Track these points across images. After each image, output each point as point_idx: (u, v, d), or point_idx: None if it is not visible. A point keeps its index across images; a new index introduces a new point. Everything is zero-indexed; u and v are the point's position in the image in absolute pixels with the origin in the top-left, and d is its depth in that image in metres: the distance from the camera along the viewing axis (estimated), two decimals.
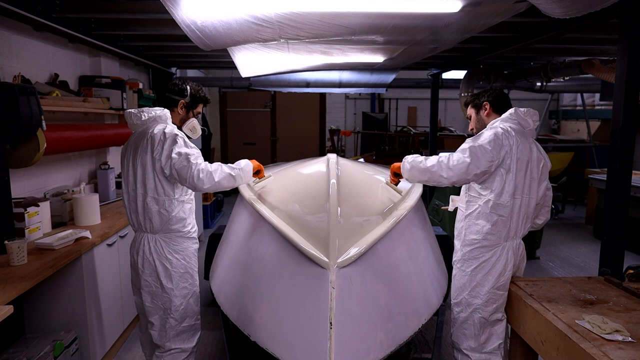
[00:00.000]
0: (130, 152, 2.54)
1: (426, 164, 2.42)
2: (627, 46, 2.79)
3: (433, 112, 6.97)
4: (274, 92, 10.40)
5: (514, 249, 2.45)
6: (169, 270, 2.52)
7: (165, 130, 2.46)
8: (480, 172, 2.34)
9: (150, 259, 2.51)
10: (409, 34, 3.45)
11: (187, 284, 2.59)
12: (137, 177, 2.47)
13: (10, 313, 1.95)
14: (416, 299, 2.24)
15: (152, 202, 2.46)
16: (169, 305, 2.54)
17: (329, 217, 2.04)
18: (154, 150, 2.42)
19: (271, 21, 2.78)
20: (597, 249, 3.58)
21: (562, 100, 11.39)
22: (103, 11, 3.42)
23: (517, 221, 2.41)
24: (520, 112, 2.49)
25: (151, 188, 2.45)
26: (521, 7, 2.73)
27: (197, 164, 2.40)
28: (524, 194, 2.41)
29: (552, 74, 5.86)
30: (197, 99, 2.72)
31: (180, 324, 2.58)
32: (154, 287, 2.53)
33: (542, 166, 2.48)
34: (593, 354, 1.74)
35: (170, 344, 2.57)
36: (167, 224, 2.50)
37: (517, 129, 2.45)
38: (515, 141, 2.38)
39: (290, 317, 1.88)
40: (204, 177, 2.40)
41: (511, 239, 2.44)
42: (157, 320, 2.57)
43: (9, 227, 2.72)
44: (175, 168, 2.39)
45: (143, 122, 2.54)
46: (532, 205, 2.45)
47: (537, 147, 2.50)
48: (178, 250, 2.55)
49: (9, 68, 3.26)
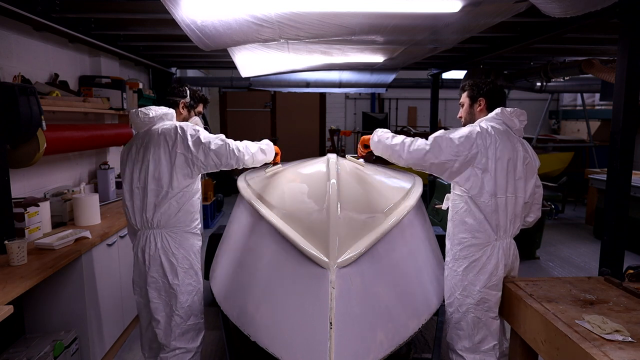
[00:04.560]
0: (136, 150, 2.57)
1: (392, 141, 2.50)
2: (627, 46, 2.79)
3: (433, 112, 6.97)
4: (274, 92, 10.40)
5: (504, 248, 2.43)
6: (174, 265, 2.54)
7: (177, 125, 2.55)
8: (438, 162, 2.35)
9: (156, 255, 2.52)
10: (409, 34, 3.45)
11: (192, 280, 2.61)
12: (149, 173, 2.49)
13: (10, 313, 1.96)
14: (416, 299, 2.24)
15: (166, 196, 2.50)
16: (174, 302, 2.55)
17: (329, 217, 2.04)
18: (173, 145, 2.48)
19: (271, 21, 2.78)
20: (597, 249, 3.58)
21: (562, 100, 11.38)
22: (103, 11, 3.42)
23: (504, 220, 2.40)
24: (506, 112, 2.46)
25: (166, 182, 2.49)
26: (521, 7, 2.73)
27: (230, 141, 2.56)
28: (509, 193, 2.38)
29: (552, 74, 5.86)
30: (196, 99, 2.90)
31: (186, 322, 2.58)
32: (160, 283, 2.55)
33: (527, 164, 2.44)
34: (593, 354, 1.74)
35: (176, 343, 2.57)
36: (177, 217, 2.54)
37: (501, 129, 2.43)
38: (494, 141, 2.36)
39: (290, 317, 1.88)
40: (243, 150, 2.59)
41: (501, 238, 2.42)
42: (163, 317, 2.58)
43: (9, 227, 2.72)
44: (212, 149, 2.49)
45: (150, 120, 2.59)
46: (519, 203, 2.44)
47: (523, 146, 2.47)
48: (184, 245, 2.58)
49: (9, 68, 3.26)
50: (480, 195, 2.37)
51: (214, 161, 2.52)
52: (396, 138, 2.49)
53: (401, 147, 2.43)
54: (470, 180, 2.38)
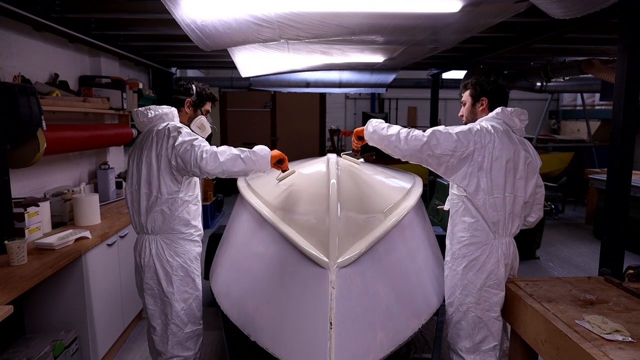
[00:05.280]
0: (136, 152, 2.53)
1: (387, 131, 2.41)
2: (627, 46, 2.79)
3: (433, 112, 6.97)
4: (274, 92, 10.39)
5: (503, 248, 2.42)
6: (169, 273, 2.48)
7: (169, 125, 2.47)
8: (435, 154, 2.32)
9: (150, 262, 2.48)
10: (409, 34, 3.45)
11: (189, 287, 2.54)
12: (142, 176, 2.45)
13: (10, 313, 1.95)
14: (416, 299, 2.24)
15: (155, 201, 2.44)
16: (169, 310, 2.50)
17: (329, 217, 2.04)
18: (158, 146, 2.41)
19: (271, 21, 2.78)
20: (597, 249, 3.58)
21: (562, 100, 11.38)
22: (103, 11, 3.42)
23: (503, 219, 2.40)
24: (506, 112, 2.45)
25: (155, 186, 2.43)
26: (521, 7, 2.73)
27: (200, 146, 2.36)
28: (507, 192, 2.37)
29: (552, 74, 5.86)
30: (203, 97, 2.72)
31: (183, 330, 2.53)
32: (155, 290, 2.51)
33: (529, 164, 2.43)
34: (593, 354, 1.74)
35: (173, 351, 2.53)
36: (170, 224, 2.47)
37: (501, 128, 2.42)
38: (493, 140, 2.35)
39: (290, 317, 1.88)
40: (207, 157, 2.33)
41: (500, 236, 2.42)
42: (159, 325, 2.54)
43: (9, 227, 2.72)
44: (179, 154, 2.36)
45: (149, 120, 2.54)
46: (518, 203, 2.42)
47: (524, 145, 2.46)
48: (179, 252, 2.51)
49: (9, 68, 3.26)
50: (476, 194, 2.37)
51: (182, 167, 2.38)
52: (392, 128, 2.41)
53: (397, 138, 2.36)
54: (467, 178, 2.37)
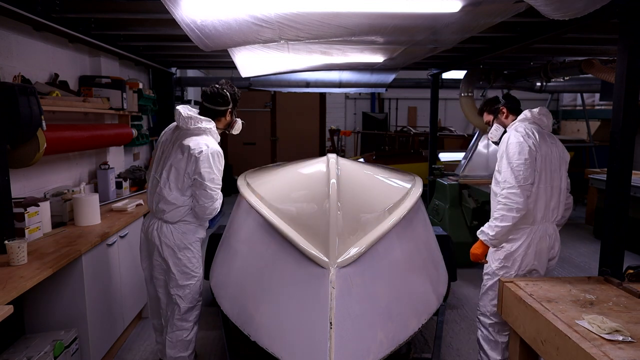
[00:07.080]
0: (169, 143, 2.75)
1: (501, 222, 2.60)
2: (627, 46, 2.79)
3: (433, 112, 6.96)
4: (274, 92, 10.39)
5: (542, 233, 2.68)
6: (174, 253, 2.72)
7: (203, 149, 2.61)
8: (530, 183, 2.61)
9: (157, 242, 2.73)
10: (409, 34, 3.45)
11: (193, 266, 2.77)
12: (165, 167, 2.68)
13: (10, 313, 1.96)
14: (416, 299, 2.25)
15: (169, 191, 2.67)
16: (174, 284, 2.74)
17: (329, 217, 2.04)
18: (188, 164, 2.62)
19: (271, 22, 2.78)
20: (597, 249, 3.57)
21: (562, 100, 11.39)
22: (103, 11, 3.41)
23: (544, 206, 2.68)
24: (534, 113, 2.80)
25: (173, 180, 2.66)
26: (521, 7, 2.73)
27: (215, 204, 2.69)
28: (547, 183, 2.69)
29: (552, 74, 5.85)
30: (237, 100, 2.88)
31: (188, 305, 2.78)
32: (164, 266, 2.77)
33: (562, 154, 2.79)
34: (593, 354, 1.74)
35: (182, 324, 2.79)
36: (179, 214, 2.71)
37: (536, 128, 2.75)
38: (536, 139, 2.67)
39: (290, 316, 1.88)
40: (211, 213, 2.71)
41: (539, 222, 2.69)
42: (163, 296, 2.86)
43: (9, 227, 2.72)
44: (198, 191, 2.63)
45: (188, 128, 2.70)
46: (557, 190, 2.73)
47: (554, 139, 2.81)
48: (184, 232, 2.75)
49: (9, 68, 3.26)
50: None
51: (193, 194, 2.67)
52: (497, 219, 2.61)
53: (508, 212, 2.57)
54: None
